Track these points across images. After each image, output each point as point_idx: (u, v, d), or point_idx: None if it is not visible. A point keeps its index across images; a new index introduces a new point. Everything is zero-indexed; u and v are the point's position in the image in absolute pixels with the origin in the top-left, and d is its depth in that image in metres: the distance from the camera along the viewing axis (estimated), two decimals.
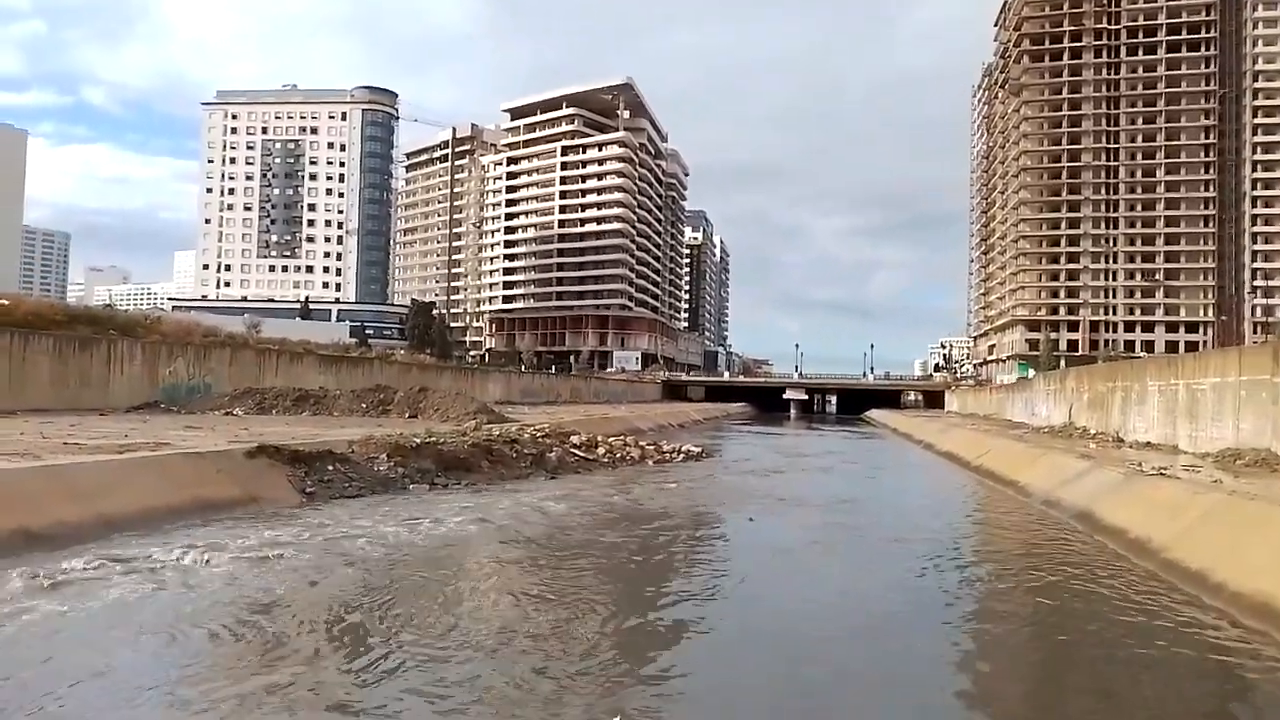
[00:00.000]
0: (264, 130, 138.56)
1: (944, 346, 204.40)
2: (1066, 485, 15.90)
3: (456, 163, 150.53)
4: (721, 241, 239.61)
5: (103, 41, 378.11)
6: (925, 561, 10.82)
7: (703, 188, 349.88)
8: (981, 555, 12.33)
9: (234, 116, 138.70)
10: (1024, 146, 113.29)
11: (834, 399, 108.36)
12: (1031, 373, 70.07)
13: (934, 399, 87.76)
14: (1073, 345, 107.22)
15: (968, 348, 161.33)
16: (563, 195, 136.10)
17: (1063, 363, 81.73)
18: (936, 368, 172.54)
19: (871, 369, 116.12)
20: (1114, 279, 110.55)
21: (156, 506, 10.81)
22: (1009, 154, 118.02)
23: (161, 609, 7.36)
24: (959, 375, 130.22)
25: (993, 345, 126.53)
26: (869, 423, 68.67)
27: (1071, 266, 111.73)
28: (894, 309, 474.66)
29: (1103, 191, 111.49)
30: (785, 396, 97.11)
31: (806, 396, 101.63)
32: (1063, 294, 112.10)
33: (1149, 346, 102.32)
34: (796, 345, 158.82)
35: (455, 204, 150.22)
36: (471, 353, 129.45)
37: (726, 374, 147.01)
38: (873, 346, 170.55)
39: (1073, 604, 8.71)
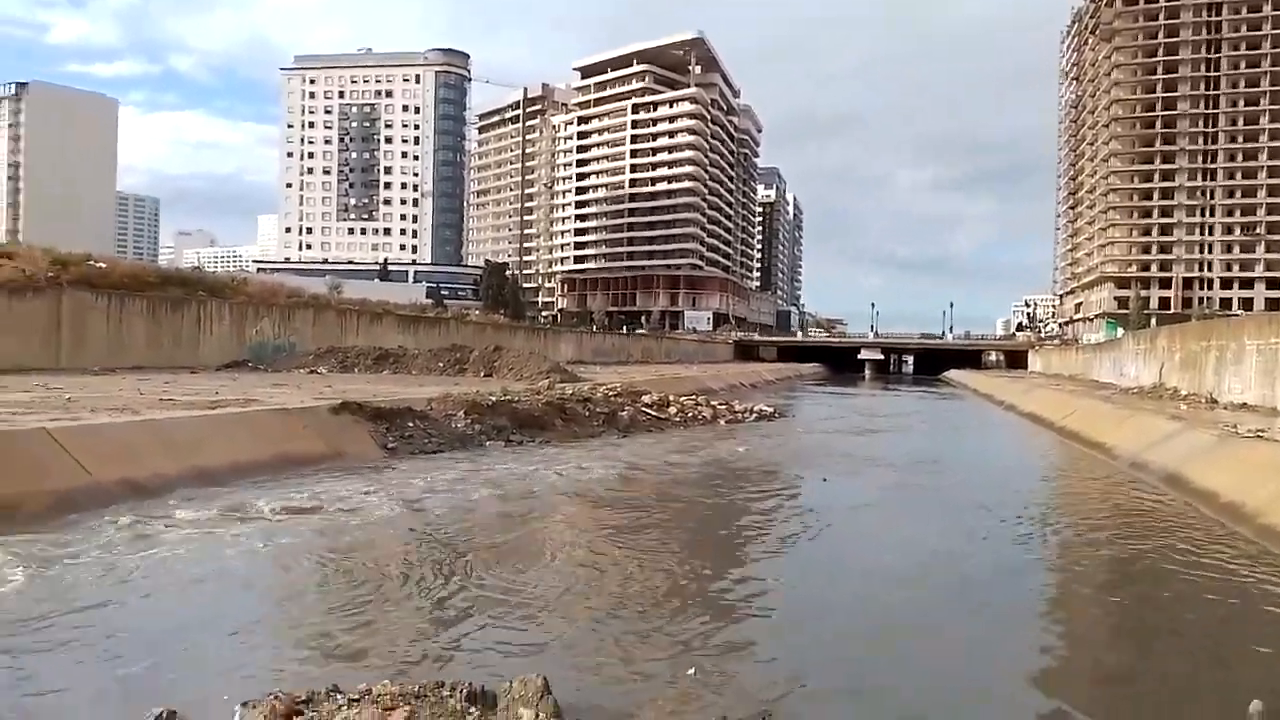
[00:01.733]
0: (341, 95, 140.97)
1: (1028, 305, 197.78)
2: (1155, 447, 15.30)
3: (528, 123, 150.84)
4: (795, 199, 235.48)
5: (191, 10, 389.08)
6: (1009, 524, 10.58)
7: (777, 144, 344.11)
8: (1067, 517, 11.98)
9: (311, 81, 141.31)
10: (1115, 95, 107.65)
11: (911, 359, 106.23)
12: (1120, 332, 67.43)
13: (1016, 359, 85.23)
14: (1164, 303, 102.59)
15: (1053, 306, 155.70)
16: (633, 154, 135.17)
17: (1153, 321, 78.41)
18: (1019, 327, 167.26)
19: (950, 328, 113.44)
20: (1210, 234, 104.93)
21: (247, 460, 11.26)
22: (1099, 103, 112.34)
23: (256, 555, 7.70)
24: (1043, 334, 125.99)
25: (1079, 303, 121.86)
26: (948, 383, 67.21)
27: (1165, 221, 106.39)
28: (976, 265, 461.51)
29: (1200, 141, 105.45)
30: (860, 356, 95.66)
31: (882, 356, 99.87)
32: (1155, 249, 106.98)
33: (1247, 304, 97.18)
34: (872, 304, 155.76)
35: (527, 164, 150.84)
36: (543, 313, 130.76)
37: (799, 334, 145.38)
38: (952, 305, 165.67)
39: (1163, 568, 8.40)
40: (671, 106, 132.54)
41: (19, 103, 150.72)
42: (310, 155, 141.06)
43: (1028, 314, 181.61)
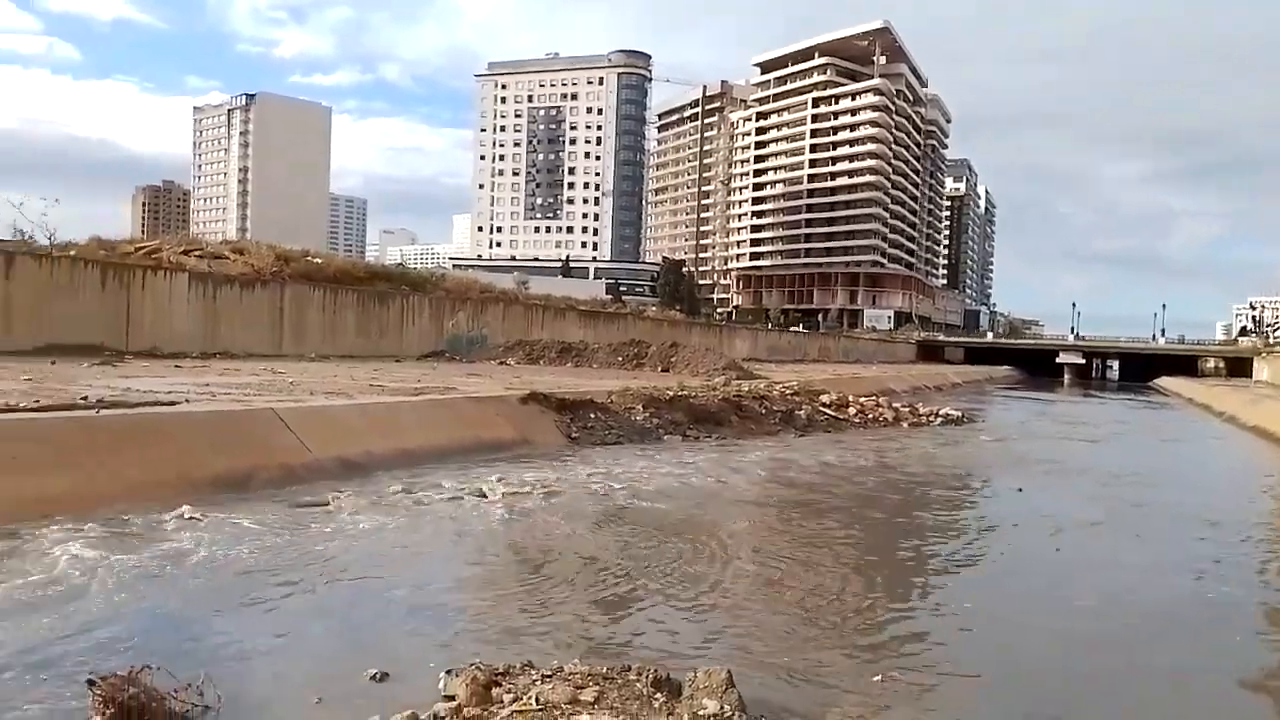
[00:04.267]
0: (529, 99, 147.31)
1: (1253, 307, 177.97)
2: None
3: (706, 120, 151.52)
4: (987, 191, 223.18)
5: (401, 23, 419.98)
6: (1236, 548, 9.56)
7: (969, 134, 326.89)
8: None
9: (503, 87, 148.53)
10: None
11: (1116, 364, 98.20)
12: None
13: (1238, 366, 76.81)
14: None
15: None
16: (813, 149, 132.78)
17: None
18: (1243, 331, 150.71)
19: (1162, 331, 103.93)
20: None
21: (446, 443, 12.01)
22: None
23: (455, 530, 8.21)
24: (1271, 340, 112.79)
25: None
26: (1158, 391, 61.59)
27: None
28: (1192, 265, 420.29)
29: None
30: (1058, 360, 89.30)
31: (1083, 360, 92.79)
32: None
33: None
34: (1073, 304, 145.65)
35: (704, 162, 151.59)
36: (719, 310, 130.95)
37: (989, 335, 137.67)
38: (1164, 306, 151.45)
39: None
40: (854, 99, 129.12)
41: (248, 112, 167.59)
42: (500, 158, 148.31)
43: (1253, 318, 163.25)
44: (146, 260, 23.76)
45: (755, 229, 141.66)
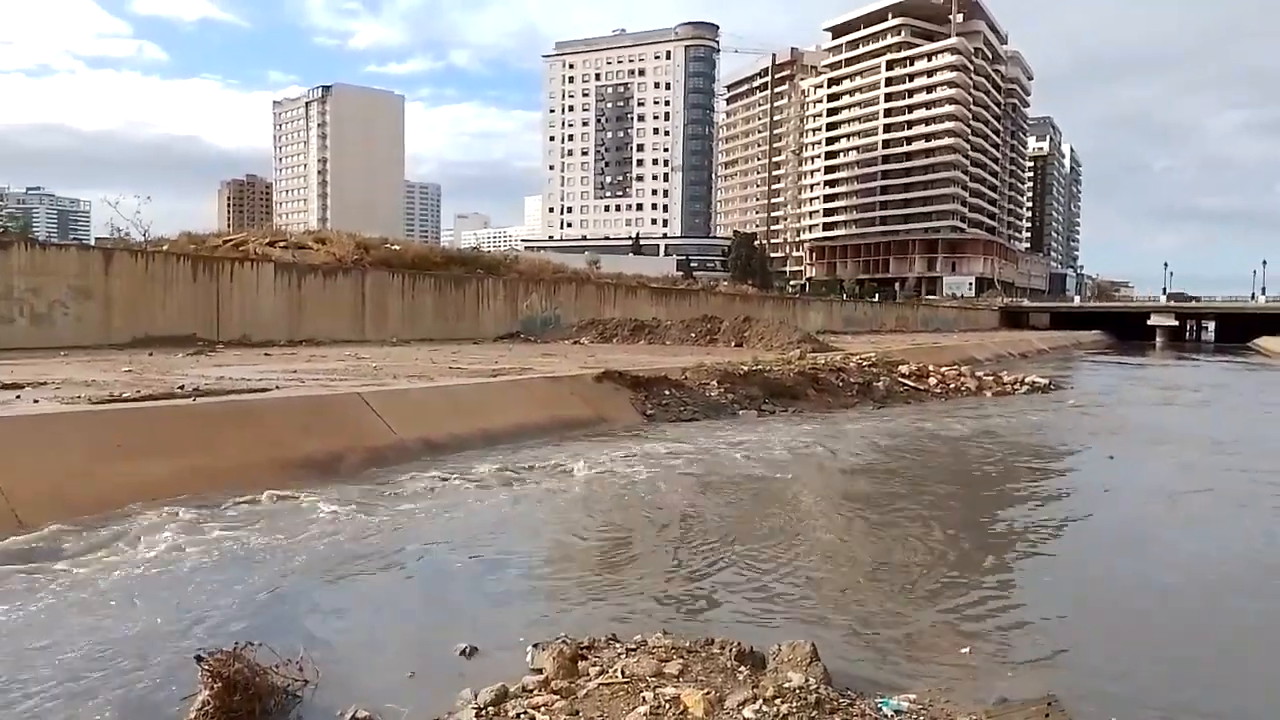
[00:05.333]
0: (597, 77, 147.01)
1: None
2: None
3: (776, 90, 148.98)
4: (1072, 150, 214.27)
5: (469, 7, 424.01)
6: None
7: (1055, 91, 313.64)
8: None
9: (570, 66, 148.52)
10: None
11: (1211, 325, 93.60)
12: None
13: None
14: None
15: None
16: (887, 114, 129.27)
17: None
18: None
19: (1263, 289, 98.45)
20: None
21: (525, 422, 12.23)
22: None
23: (541, 507, 8.37)
24: None
25: None
26: (1258, 352, 58.55)
27: None
28: None
29: None
30: (1149, 323, 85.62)
31: (1176, 322, 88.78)
32: None
33: None
34: (1165, 264, 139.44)
35: (775, 132, 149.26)
36: (792, 282, 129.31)
37: (1076, 298, 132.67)
38: (1265, 263, 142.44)
39: None
40: (930, 60, 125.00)
41: (324, 104, 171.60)
42: (570, 138, 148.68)
43: None
44: (234, 252, 24.70)
45: (828, 199, 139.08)
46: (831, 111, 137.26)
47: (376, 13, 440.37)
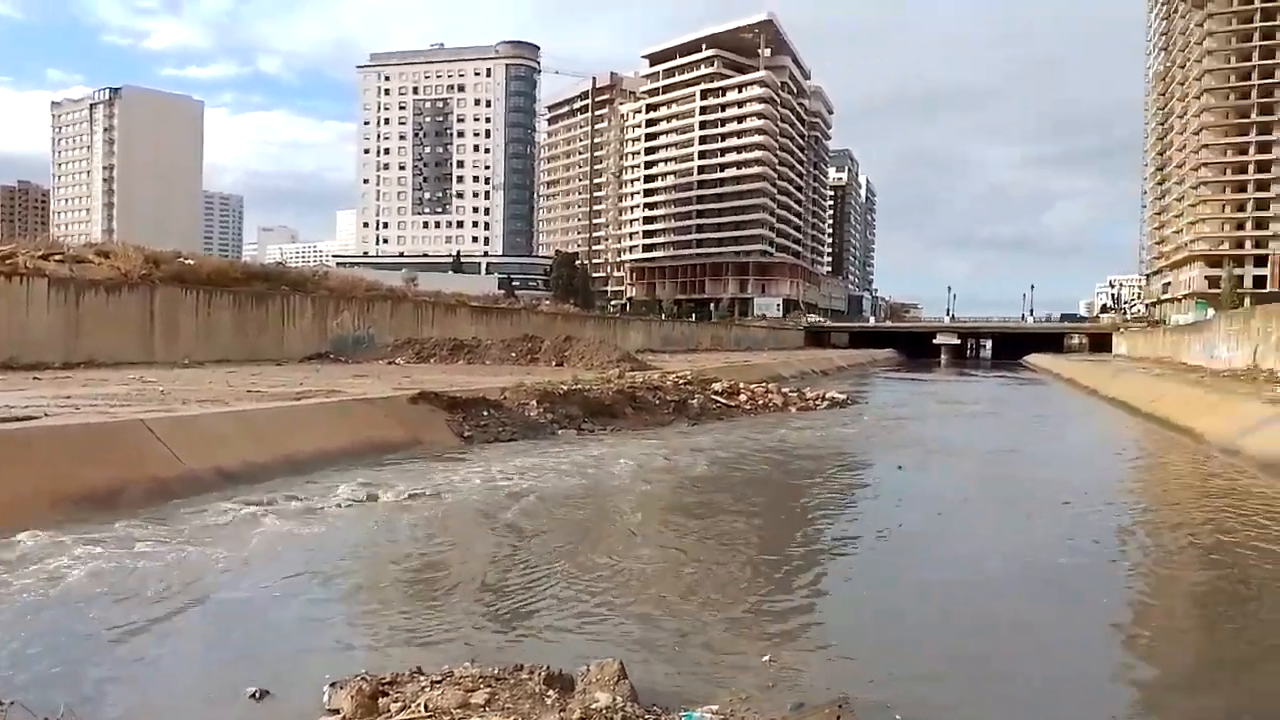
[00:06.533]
0: (415, 90, 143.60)
1: (1112, 286, 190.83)
2: (1251, 433, 14.63)
3: (596, 113, 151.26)
4: (868, 181, 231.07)
5: (277, 13, 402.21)
6: (1096, 516, 10.24)
7: (852, 126, 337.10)
8: (1157, 510, 11.57)
9: (386, 78, 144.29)
10: (1207, 65, 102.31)
11: (989, 343, 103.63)
12: (1211, 312, 64.36)
13: (1100, 342, 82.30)
14: (1259, 281, 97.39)
15: (1139, 287, 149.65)
16: (702, 140, 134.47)
17: (1247, 301, 74.60)
18: (1104, 309, 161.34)
19: (1031, 311, 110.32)
20: None
21: (332, 448, 11.65)
22: (1189, 73, 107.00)
23: (340, 538, 7.97)
24: (1128, 316, 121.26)
25: (1167, 283, 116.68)
26: (1028, 368, 65.27)
27: (1261, 195, 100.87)
28: (1068, 246, 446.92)
29: None
30: (935, 341, 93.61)
31: (958, 341, 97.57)
32: (1249, 226, 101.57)
33: None
34: (948, 288, 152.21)
35: (595, 154, 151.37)
36: (613, 302, 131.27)
37: (872, 319, 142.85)
38: (1033, 287, 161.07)
39: (1261, 564, 8.04)
40: (740, 91, 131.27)
41: (112, 107, 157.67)
42: (386, 151, 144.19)
43: (1112, 295, 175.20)
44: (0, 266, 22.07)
45: (647, 220, 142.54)
46: (650, 136, 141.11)
47: (176, 13, 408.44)
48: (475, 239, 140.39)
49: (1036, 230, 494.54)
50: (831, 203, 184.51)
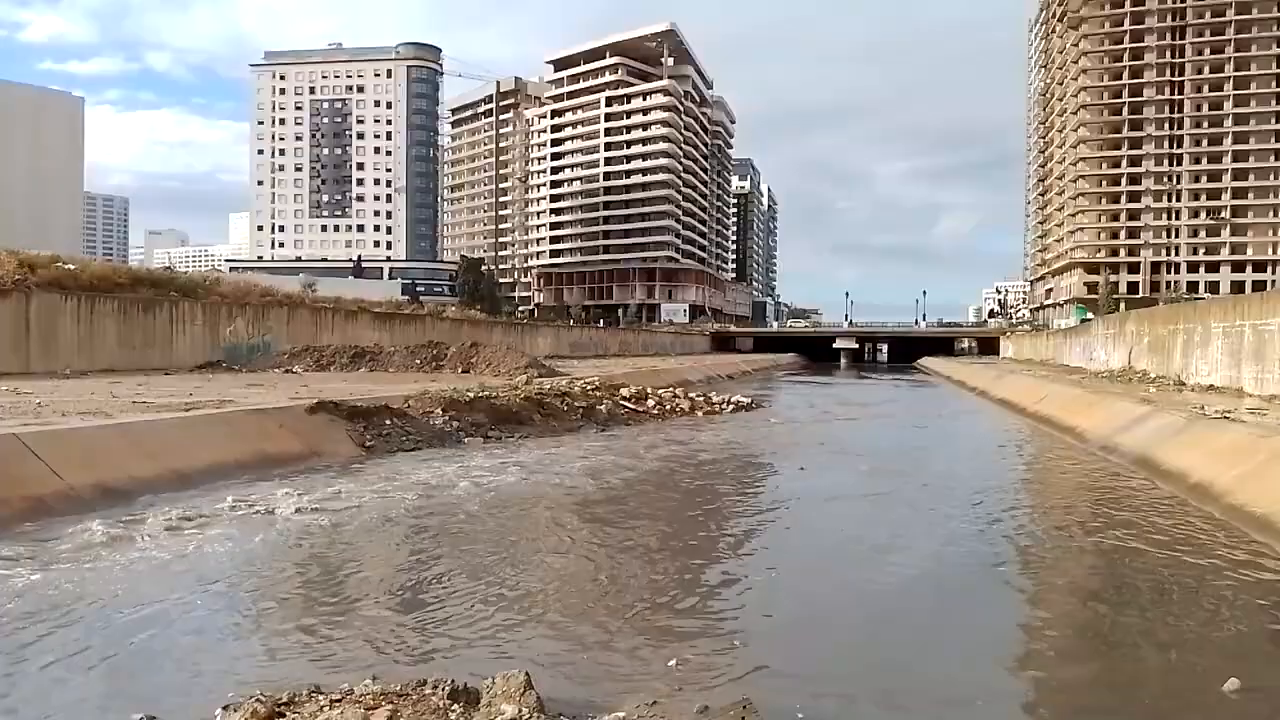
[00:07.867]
0: (311, 90, 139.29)
1: (999, 292, 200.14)
2: (1125, 430, 15.58)
3: (501, 117, 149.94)
4: (769, 189, 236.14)
5: (169, 7, 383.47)
6: (981, 508, 10.74)
7: (754, 136, 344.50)
8: (1037, 501, 12.20)
9: (281, 78, 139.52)
10: (1083, 82, 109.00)
11: (885, 347, 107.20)
12: (1090, 316, 68.34)
13: (989, 345, 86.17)
14: (1133, 288, 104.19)
15: (1024, 292, 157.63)
16: (607, 147, 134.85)
17: (1122, 306, 79.65)
18: (991, 314, 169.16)
19: (924, 316, 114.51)
20: (1177, 218, 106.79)
21: (224, 461, 11.19)
22: (1067, 90, 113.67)
23: (231, 555, 7.66)
24: (1014, 321, 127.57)
25: (1050, 289, 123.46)
26: (921, 371, 67.79)
27: (1132, 206, 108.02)
28: (953, 255, 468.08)
29: (1166, 127, 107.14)
30: (835, 346, 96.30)
31: (857, 345, 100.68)
32: (1123, 235, 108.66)
33: (1213, 287, 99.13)
34: (846, 294, 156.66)
35: (500, 159, 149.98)
36: (520, 308, 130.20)
37: (775, 324, 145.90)
38: (925, 293, 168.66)
39: (1131, 547, 8.58)
40: (644, 99, 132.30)
41: None
42: (281, 152, 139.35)
43: (999, 301, 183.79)
44: None
45: (554, 226, 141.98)
46: (556, 142, 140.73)
47: (54, 3, 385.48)
48: (377, 243, 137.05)
49: (924, 240, 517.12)
50: (735, 210, 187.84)
